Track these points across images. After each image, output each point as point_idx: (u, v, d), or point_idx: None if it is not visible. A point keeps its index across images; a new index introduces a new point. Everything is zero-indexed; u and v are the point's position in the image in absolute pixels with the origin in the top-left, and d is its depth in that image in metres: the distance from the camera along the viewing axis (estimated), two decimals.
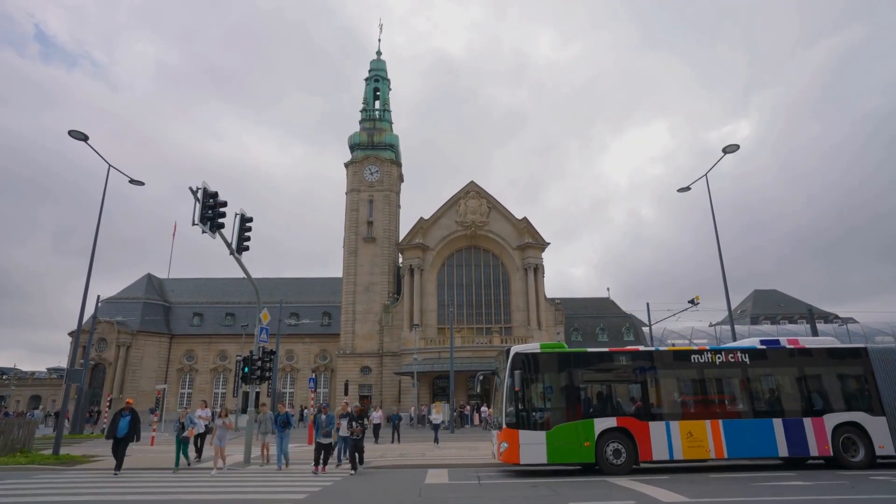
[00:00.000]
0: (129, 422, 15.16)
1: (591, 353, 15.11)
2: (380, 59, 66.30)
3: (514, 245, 54.33)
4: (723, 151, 24.42)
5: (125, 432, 15.08)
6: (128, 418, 15.17)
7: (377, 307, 54.93)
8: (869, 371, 14.82)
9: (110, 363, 55.63)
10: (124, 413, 15.34)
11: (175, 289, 65.01)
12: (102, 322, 53.54)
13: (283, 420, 16.40)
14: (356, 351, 53.81)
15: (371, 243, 56.93)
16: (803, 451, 13.96)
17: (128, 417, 15.18)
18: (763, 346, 15.26)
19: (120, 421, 15.16)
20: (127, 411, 15.36)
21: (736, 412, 14.38)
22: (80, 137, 20.97)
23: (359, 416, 15.24)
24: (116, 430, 15.01)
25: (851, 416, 14.27)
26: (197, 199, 15.33)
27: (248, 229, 17.76)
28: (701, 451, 13.72)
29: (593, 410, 14.11)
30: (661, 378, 14.58)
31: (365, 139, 60.86)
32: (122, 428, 15.05)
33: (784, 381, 14.95)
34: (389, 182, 59.66)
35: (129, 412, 15.30)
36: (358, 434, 14.87)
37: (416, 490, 11.47)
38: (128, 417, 15.18)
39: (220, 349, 60.02)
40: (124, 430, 15.06)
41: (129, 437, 15.13)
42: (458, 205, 55.43)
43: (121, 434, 15.03)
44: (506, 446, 13.64)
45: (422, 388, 46.98)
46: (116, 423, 15.15)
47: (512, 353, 14.32)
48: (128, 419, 15.15)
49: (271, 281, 64.02)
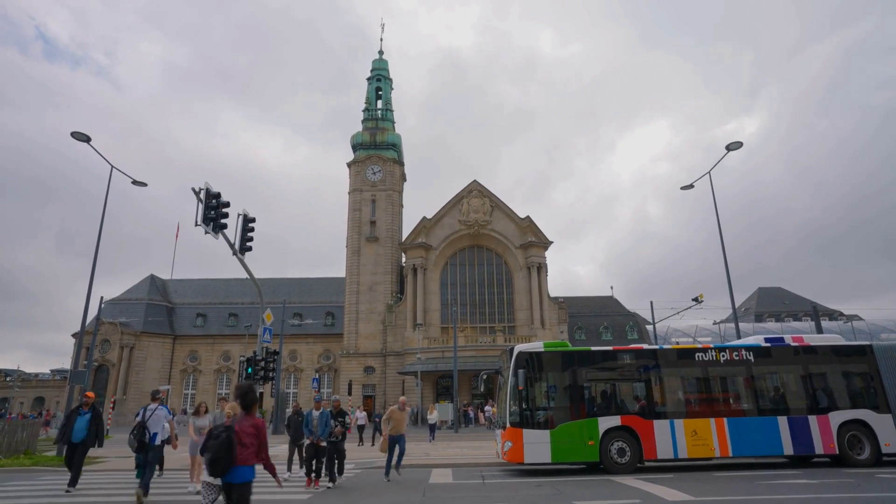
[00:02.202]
0: (89, 422, 11.80)
1: (595, 351, 15.07)
2: (382, 59, 66.26)
3: (517, 244, 54.26)
4: (726, 149, 24.33)
5: (83, 435, 11.64)
6: (87, 417, 11.83)
7: (380, 307, 54.94)
8: (874, 368, 14.75)
9: (114, 364, 55.75)
10: (82, 411, 11.93)
11: (178, 289, 65.11)
12: (106, 323, 53.69)
13: None
14: (359, 351, 53.82)
15: (374, 243, 56.94)
16: (808, 450, 13.90)
17: (87, 416, 11.85)
18: (767, 344, 15.18)
19: (76, 421, 11.73)
20: (86, 408, 12.01)
21: (741, 410, 14.30)
22: (83, 139, 21.01)
23: (337, 414, 12.63)
24: (71, 433, 11.60)
25: (857, 414, 14.20)
26: (200, 199, 15.32)
27: (250, 230, 17.74)
28: (705, 450, 13.67)
29: (597, 409, 14.06)
30: (666, 376, 14.53)
31: (367, 139, 60.88)
32: (79, 430, 11.65)
33: (789, 379, 14.87)
34: (392, 181, 59.66)
35: (88, 409, 12.00)
36: (338, 436, 12.39)
37: (421, 490, 11.45)
38: (87, 416, 11.85)
39: (223, 350, 60.09)
40: (82, 433, 11.64)
41: (87, 441, 11.73)
42: (461, 204, 55.39)
43: (77, 438, 11.60)
44: (510, 445, 13.61)
45: (425, 388, 46.97)
46: (72, 423, 11.69)
47: (515, 352, 14.31)
48: (87, 419, 11.81)
49: (274, 281, 64.07)
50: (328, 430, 12.06)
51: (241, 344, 54.44)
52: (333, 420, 12.31)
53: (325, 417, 12.14)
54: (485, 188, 56.27)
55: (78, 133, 20.91)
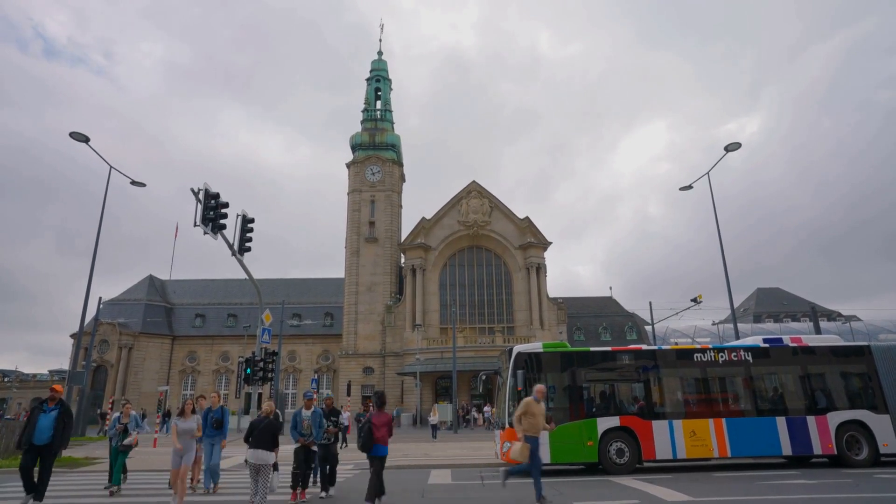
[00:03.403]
0: (56, 420, 9.25)
1: (594, 352, 15.09)
2: (381, 59, 66.29)
3: (516, 244, 54.28)
4: (725, 150, 24.37)
5: (47, 436, 9.08)
6: (53, 415, 9.26)
7: (379, 307, 54.92)
8: (872, 369, 14.78)
9: (112, 365, 55.69)
10: (47, 406, 9.35)
11: (177, 290, 65.06)
12: (104, 324, 53.66)
13: (216, 419, 11.39)
14: (358, 351, 53.80)
15: (373, 243, 56.93)
16: (807, 450, 13.92)
17: (53, 413, 9.28)
18: (766, 345, 15.21)
19: (40, 419, 9.16)
20: (53, 403, 9.40)
21: (739, 411, 14.33)
22: (82, 139, 21.00)
23: (330, 413, 11.19)
24: (33, 434, 9.07)
25: (855, 415, 14.23)
26: (198, 200, 15.33)
27: (249, 230, 17.76)
28: (704, 451, 13.69)
29: (596, 410, 14.08)
30: (664, 377, 14.55)
31: (366, 139, 60.91)
32: (44, 429, 9.08)
33: (787, 379, 14.90)
34: (391, 182, 59.67)
35: (55, 405, 9.39)
36: (330, 437, 11.00)
37: (420, 491, 11.45)
38: (53, 413, 9.28)
39: (222, 350, 60.04)
40: (46, 433, 9.07)
41: (54, 444, 9.24)
42: (460, 204, 55.40)
43: (41, 440, 9.05)
44: (509, 446, 13.61)
45: (424, 389, 46.97)
46: (34, 421, 9.17)
47: (515, 352, 14.32)
48: (53, 416, 9.25)
49: (273, 282, 64.05)
50: (322, 432, 10.67)
51: (240, 344, 54.43)
52: (326, 420, 10.92)
53: (318, 417, 10.71)
54: (484, 189, 56.30)
55: (76, 133, 20.90)
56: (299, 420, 10.56)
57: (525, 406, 9.97)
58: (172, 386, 56.92)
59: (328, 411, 11.19)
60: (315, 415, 10.71)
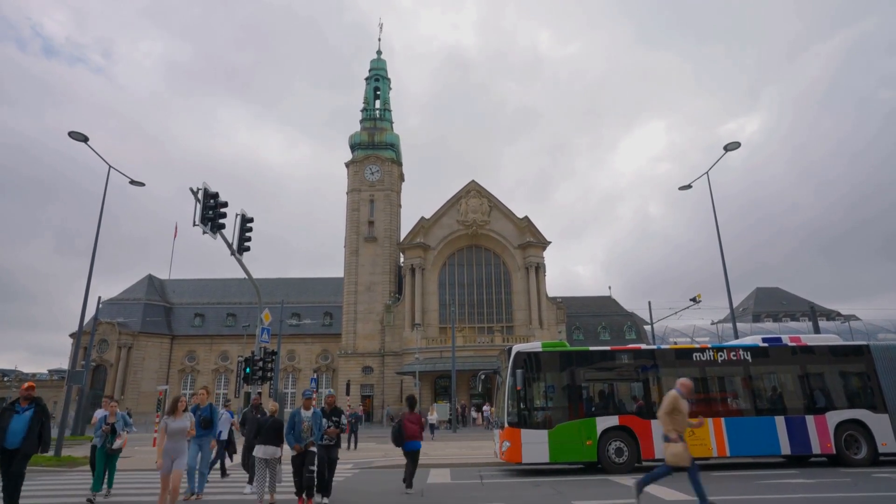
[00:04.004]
0: (30, 421, 8.33)
1: (593, 351, 15.10)
2: (380, 59, 66.24)
3: (515, 244, 54.27)
4: (724, 149, 24.37)
5: (20, 438, 8.17)
6: (27, 415, 8.36)
7: (378, 307, 54.92)
8: (871, 368, 14.79)
9: (111, 364, 55.67)
10: (19, 407, 8.44)
11: (176, 289, 65.02)
12: (103, 323, 53.62)
13: (204, 418, 10.66)
14: (358, 351, 53.80)
15: (372, 243, 56.92)
16: (806, 449, 13.94)
17: (27, 414, 8.38)
18: (765, 344, 15.22)
19: (12, 420, 8.26)
20: (26, 403, 8.49)
21: (738, 410, 14.35)
22: (80, 139, 20.97)
23: (332, 413, 10.17)
24: (4, 438, 8.12)
25: (854, 414, 14.24)
26: (197, 199, 15.32)
27: (248, 230, 17.75)
28: (703, 450, 13.68)
29: (595, 409, 14.10)
30: (663, 376, 14.55)
31: (366, 139, 60.86)
32: (16, 432, 8.18)
33: (786, 378, 14.92)
34: (390, 181, 59.65)
35: (29, 405, 8.48)
36: (332, 437, 10.00)
37: (419, 490, 11.45)
38: (27, 414, 8.38)
39: (221, 350, 60.03)
40: (19, 436, 8.17)
41: (28, 447, 8.27)
42: (459, 204, 55.38)
43: (13, 443, 8.14)
44: (508, 445, 13.62)
45: (424, 388, 46.95)
46: (5, 425, 8.20)
47: (514, 352, 14.33)
48: (27, 417, 8.35)
49: (273, 281, 64.03)
50: (321, 433, 9.73)
51: (240, 344, 54.42)
52: (327, 420, 9.94)
53: (318, 418, 9.76)
54: (483, 188, 56.28)
55: (75, 133, 20.86)
56: (297, 421, 9.55)
57: (673, 402, 8.91)
58: (172, 385, 56.81)
59: (330, 410, 10.14)
60: (316, 416, 9.74)
